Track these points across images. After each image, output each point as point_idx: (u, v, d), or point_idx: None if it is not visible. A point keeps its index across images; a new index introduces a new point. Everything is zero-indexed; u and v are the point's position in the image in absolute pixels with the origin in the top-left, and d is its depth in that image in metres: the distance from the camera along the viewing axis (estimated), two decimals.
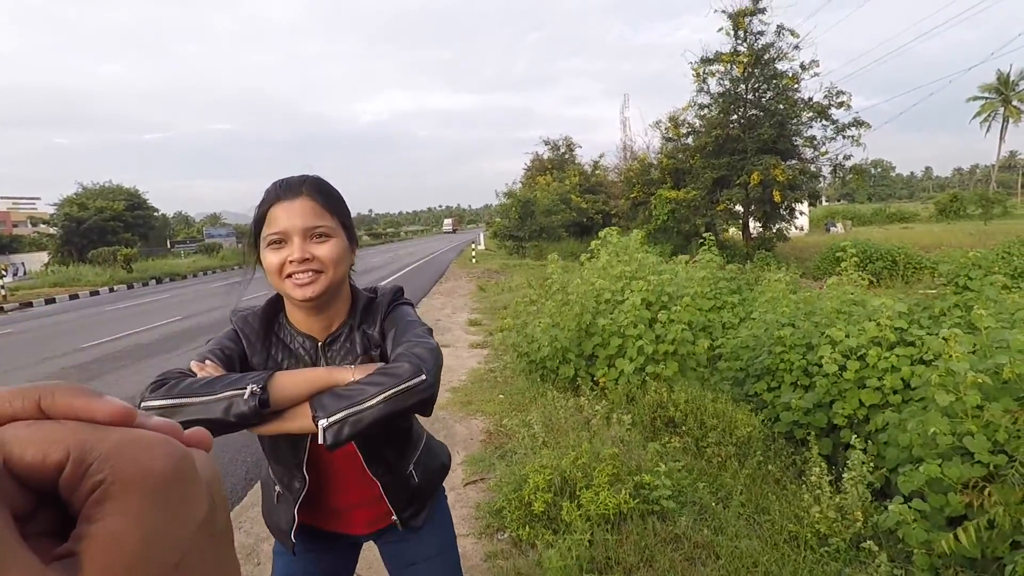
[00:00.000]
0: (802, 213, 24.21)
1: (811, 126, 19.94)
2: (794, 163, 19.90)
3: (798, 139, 20.05)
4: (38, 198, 60.04)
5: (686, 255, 11.24)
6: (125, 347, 9.15)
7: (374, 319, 1.23)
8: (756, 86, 20.10)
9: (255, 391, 1.01)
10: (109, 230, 31.99)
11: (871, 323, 4.31)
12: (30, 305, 16.89)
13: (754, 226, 21.24)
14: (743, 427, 4.09)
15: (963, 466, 2.66)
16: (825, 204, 59.30)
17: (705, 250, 8.71)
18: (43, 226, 42.37)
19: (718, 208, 19.97)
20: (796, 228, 23.45)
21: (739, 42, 19.65)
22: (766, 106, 19.86)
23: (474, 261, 23.92)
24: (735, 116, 20.50)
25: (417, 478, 1.31)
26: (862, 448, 3.27)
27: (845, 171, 19.84)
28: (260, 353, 1.21)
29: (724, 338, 6.30)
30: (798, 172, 19.30)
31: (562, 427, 3.84)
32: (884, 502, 3.12)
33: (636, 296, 4.50)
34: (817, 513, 3.03)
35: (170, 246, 42.06)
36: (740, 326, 6.89)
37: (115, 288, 21.08)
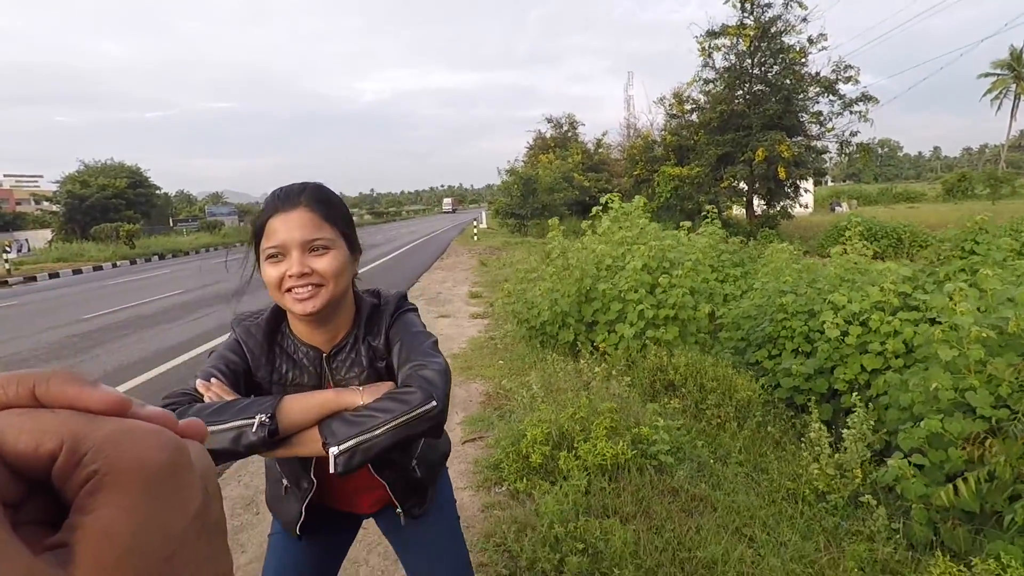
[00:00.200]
0: (807, 191, 24.01)
1: (818, 101, 19.65)
2: (800, 139, 19.65)
3: (804, 115, 19.77)
4: (40, 176, 59.89)
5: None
6: (127, 318, 9.18)
7: (379, 329, 1.20)
8: (762, 60, 19.76)
9: (264, 421, 0.99)
10: (112, 207, 31.95)
11: (874, 288, 4.27)
12: (34, 279, 16.93)
13: (758, 204, 21.06)
14: (743, 391, 4.08)
15: (964, 421, 2.64)
16: (831, 184, 58.81)
17: (708, 223, 8.64)
18: (46, 204, 42.31)
19: (722, 185, 19.79)
20: (801, 206, 23.26)
21: (746, 15, 19.26)
22: (772, 81, 19.55)
23: (476, 239, 23.86)
24: (740, 91, 20.20)
25: (420, 473, 1.31)
26: (863, 406, 3.25)
27: (851, 148, 19.58)
28: (264, 367, 1.19)
29: (726, 308, 6.28)
30: (804, 148, 19.06)
31: (561, 387, 3.83)
32: (884, 460, 3.11)
33: (637, 260, 4.45)
34: (816, 470, 3.03)
35: (172, 224, 42.01)
36: (743, 298, 6.87)
37: (118, 264, 21.11)
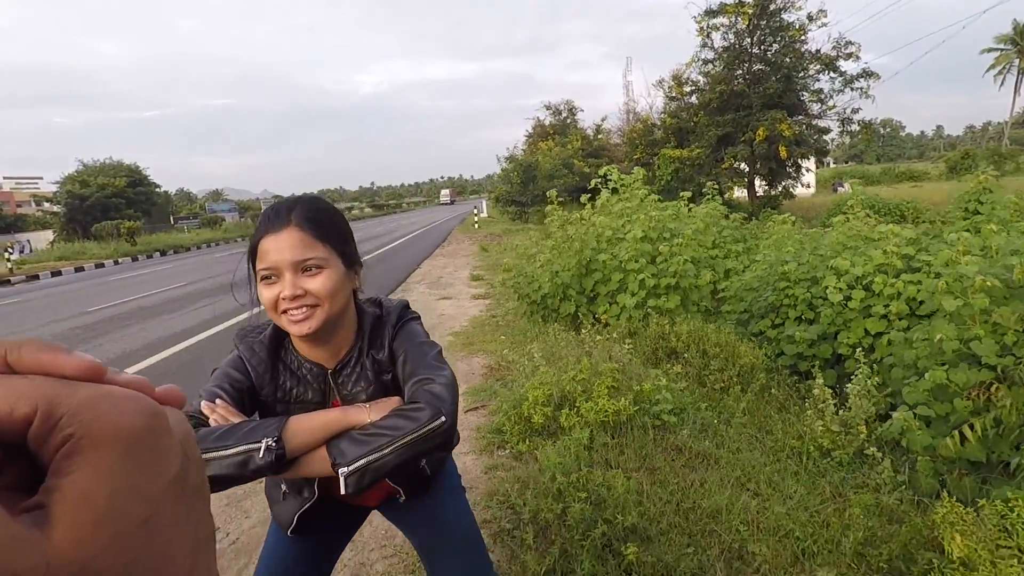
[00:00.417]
0: (808, 170, 23.85)
1: (818, 79, 19.43)
2: (801, 118, 19.47)
3: (805, 93, 19.57)
4: (40, 177, 59.93)
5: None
6: (130, 309, 9.21)
7: (382, 342, 1.18)
8: (762, 39, 19.53)
9: (271, 445, 0.97)
10: (112, 207, 31.96)
11: (877, 251, 4.23)
12: (36, 278, 16.98)
13: (760, 185, 20.92)
14: (746, 357, 4.06)
15: (970, 371, 2.61)
16: (833, 166, 58.46)
17: (709, 199, 8.58)
18: (47, 205, 42.35)
19: (723, 167, 19.64)
20: (803, 186, 23.13)
21: None
22: (772, 60, 19.34)
23: (476, 227, 23.86)
24: (740, 71, 19.99)
25: (429, 469, 1.32)
26: (867, 364, 3.23)
27: (853, 125, 19.39)
28: (269, 385, 1.17)
29: (728, 283, 6.25)
30: (805, 127, 18.90)
31: (563, 356, 3.81)
32: (889, 417, 3.09)
33: (637, 228, 4.42)
34: (820, 427, 3.01)
35: (173, 222, 42.00)
36: (744, 272, 6.83)
37: (120, 261, 21.15)
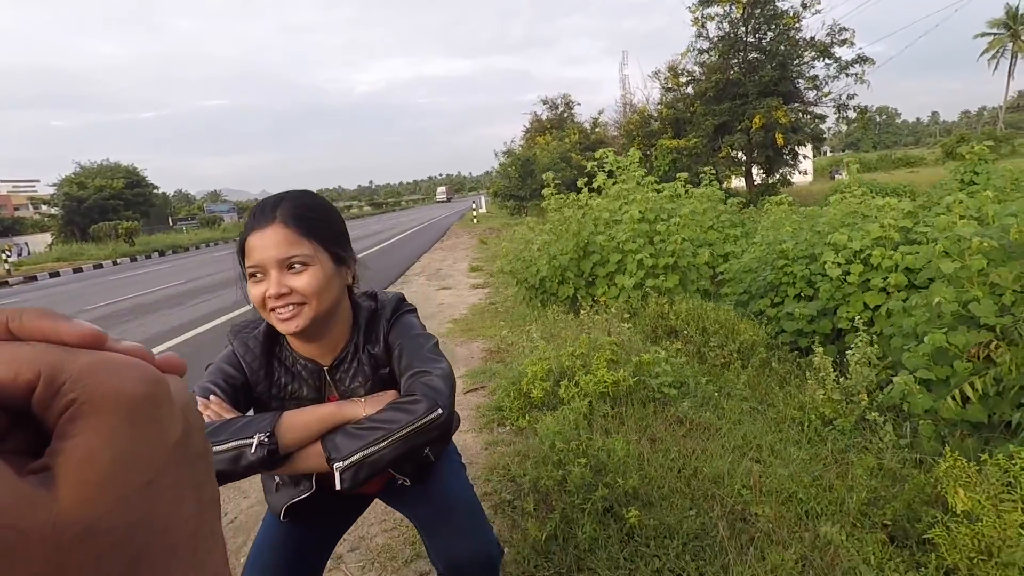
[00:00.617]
0: (806, 157, 23.81)
1: (813, 66, 19.41)
2: (797, 105, 19.45)
3: (800, 80, 19.55)
4: (37, 180, 59.76)
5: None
6: (129, 306, 9.19)
7: (377, 336, 1.16)
8: (756, 27, 19.50)
9: (263, 440, 0.96)
10: (110, 208, 31.88)
11: (875, 224, 4.21)
12: (34, 279, 16.95)
13: (757, 173, 20.91)
14: (746, 333, 4.05)
15: (969, 333, 2.60)
16: (830, 154, 58.40)
17: (706, 184, 8.56)
18: (44, 207, 42.25)
19: (720, 155, 19.63)
20: (800, 173, 23.09)
21: None
22: (767, 48, 19.31)
23: (475, 222, 23.88)
24: (735, 60, 19.95)
25: (433, 456, 1.30)
26: (866, 333, 3.22)
27: (849, 112, 19.37)
28: (264, 381, 1.15)
29: (727, 266, 6.23)
30: (801, 114, 18.88)
31: (561, 335, 3.80)
32: (890, 379, 3.08)
33: (634, 208, 4.40)
34: (821, 396, 3.00)
35: (172, 223, 41.92)
36: (744, 255, 6.83)
37: (118, 261, 21.11)
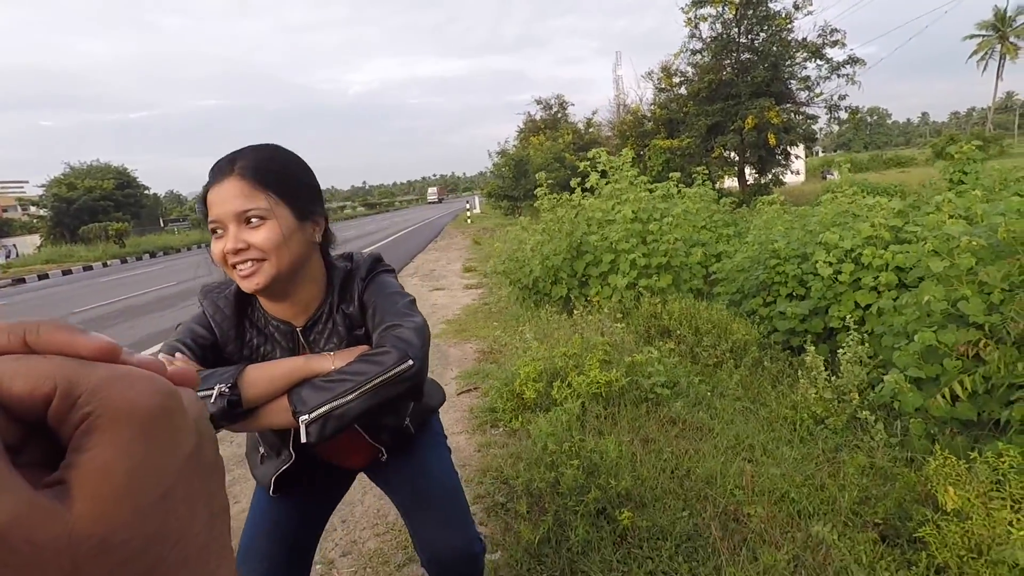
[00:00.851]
0: (798, 157, 23.95)
1: (805, 67, 19.53)
2: (789, 106, 19.56)
3: (792, 81, 19.66)
4: (26, 181, 59.20)
5: None
6: (119, 308, 9.12)
7: (352, 295, 1.12)
8: (749, 28, 19.59)
9: (223, 391, 0.93)
10: (100, 210, 31.60)
11: (865, 224, 4.24)
12: (23, 281, 16.79)
13: (750, 173, 21.01)
14: (739, 332, 4.06)
15: (958, 332, 2.62)
16: (821, 155, 58.77)
17: (699, 185, 8.59)
18: (33, 208, 41.86)
19: (713, 156, 19.71)
20: (792, 173, 23.22)
21: None
22: (759, 48, 19.40)
23: (469, 222, 23.89)
24: (728, 60, 20.04)
25: (413, 428, 1.29)
26: (857, 333, 3.23)
27: (840, 112, 19.49)
28: (235, 342, 1.11)
29: (719, 265, 6.26)
30: (793, 114, 19.00)
31: (554, 336, 3.80)
32: (881, 378, 3.09)
33: (627, 208, 4.40)
34: (813, 395, 3.01)
35: (163, 225, 41.65)
36: (736, 255, 6.85)
37: (108, 263, 20.94)
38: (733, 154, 20.12)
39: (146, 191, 38.89)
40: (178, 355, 1.04)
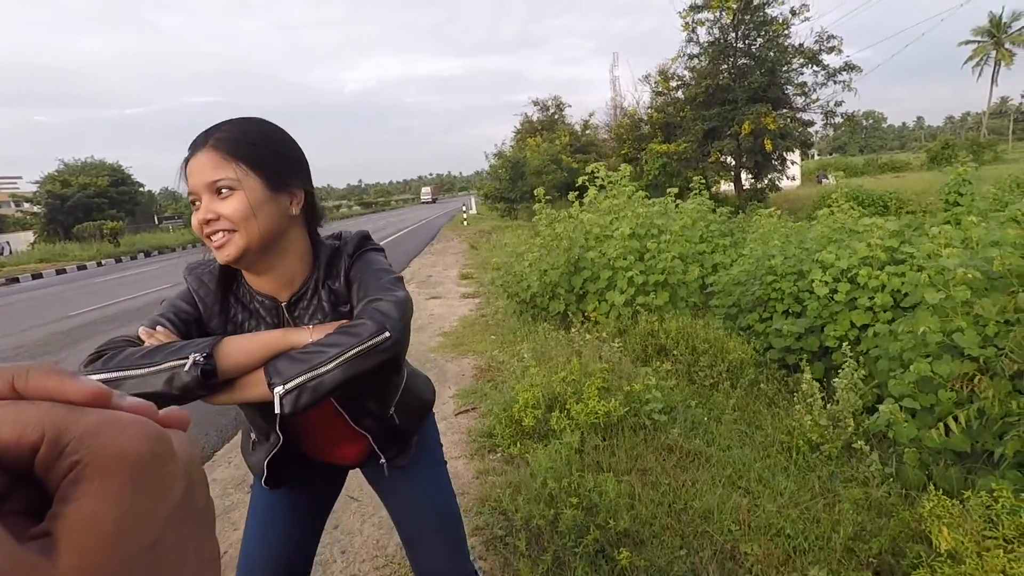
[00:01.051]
0: (794, 163, 24.03)
1: (802, 73, 19.61)
2: (785, 111, 19.64)
3: (789, 87, 19.74)
4: (19, 177, 58.73)
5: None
6: (114, 313, 9.07)
7: (338, 271, 1.12)
8: (746, 33, 19.66)
9: (198, 360, 0.92)
10: (94, 207, 31.44)
11: (862, 244, 4.27)
12: (16, 281, 16.70)
13: (746, 178, 21.09)
14: (735, 352, 4.08)
15: (953, 363, 2.64)
16: (817, 158, 58.98)
17: (696, 194, 8.61)
18: (27, 205, 41.60)
19: (709, 160, 19.77)
20: (788, 178, 23.31)
21: None
22: (756, 54, 19.48)
23: (465, 224, 23.86)
24: (725, 65, 20.11)
25: (399, 421, 1.27)
26: (853, 358, 3.26)
27: (836, 118, 19.59)
28: (219, 316, 1.11)
29: (716, 277, 6.29)
30: (790, 120, 19.07)
31: (552, 356, 3.81)
32: (876, 409, 3.12)
33: (625, 225, 4.42)
34: (809, 421, 3.03)
35: (158, 222, 41.42)
36: (732, 267, 6.88)
37: (103, 262, 20.84)
38: (730, 159, 20.18)
39: (141, 188, 38.67)
40: (160, 328, 1.04)
